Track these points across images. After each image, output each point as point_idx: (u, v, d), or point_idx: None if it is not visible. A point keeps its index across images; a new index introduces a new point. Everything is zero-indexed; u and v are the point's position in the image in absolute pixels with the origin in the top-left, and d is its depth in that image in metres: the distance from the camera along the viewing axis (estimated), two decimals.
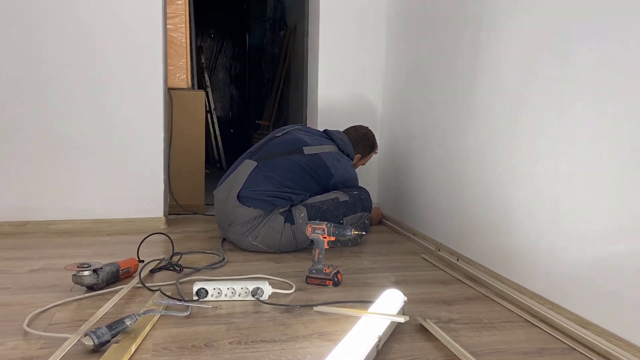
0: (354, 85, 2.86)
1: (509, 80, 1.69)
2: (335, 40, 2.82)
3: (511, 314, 1.50)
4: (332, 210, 2.12)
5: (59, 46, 2.34)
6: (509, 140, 1.69)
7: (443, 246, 2.11)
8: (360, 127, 2.53)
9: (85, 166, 2.43)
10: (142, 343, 1.23)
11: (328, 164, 2.20)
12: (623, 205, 1.23)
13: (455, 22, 2.06)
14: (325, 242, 1.75)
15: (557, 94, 1.45)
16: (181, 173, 2.85)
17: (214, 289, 1.52)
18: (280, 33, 5.28)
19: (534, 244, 1.54)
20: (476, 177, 1.88)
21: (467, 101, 1.95)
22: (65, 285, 1.61)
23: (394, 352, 1.22)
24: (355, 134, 2.46)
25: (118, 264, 1.68)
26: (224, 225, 2.14)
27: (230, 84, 6.89)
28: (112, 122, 2.44)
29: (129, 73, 2.43)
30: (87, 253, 2.04)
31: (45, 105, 2.35)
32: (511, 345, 1.29)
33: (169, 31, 2.83)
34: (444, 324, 1.40)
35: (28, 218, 2.37)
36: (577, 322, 1.34)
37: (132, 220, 2.50)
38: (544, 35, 1.52)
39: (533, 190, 1.55)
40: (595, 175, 1.31)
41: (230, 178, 2.17)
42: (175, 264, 1.84)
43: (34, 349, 1.19)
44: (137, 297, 1.55)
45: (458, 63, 2.02)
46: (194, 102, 2.94)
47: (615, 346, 1.21)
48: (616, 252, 1.25)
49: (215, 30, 6.65)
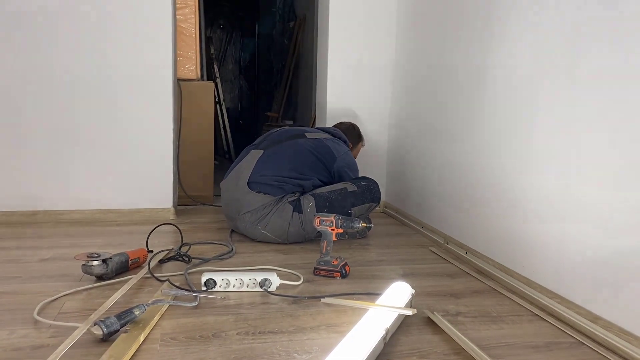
0: (363, 78, 2.84)
1: (519, 72, 1.67)
2: (345, 35, 2.80)
3: (520, 307, 1.49)
4: (340, 200, 2.12)
5: (68, 38, 2.34)
6: (518, 134, 1.67)
7: (451, 239, 2.10)
8: (345, 121, 2.67)
9: (95, 157, 2.44)
10: (150, 333, 1.24)
11: (331, 146, 2.26)
12: (634, 198, 1.21)
13: (463, 14, 2.03)
14: (334, 234, 1.75)
15: (569, 86, 1.44)
16: (190, 164, 2.86)
17: (222, 279, 1.53)
18: (290, 24, 5.26)
19: (544, 238, 1.53)
20: (485, 170, 1.87)
21: (476, 95, 1.93)
22: (75, 275, 1.63)
23: (401, 345, 1.22)
24: (343, 127, 2.56)
25: (127, 254, 1.70)
26: (234, 215, 2.15)
27: (239, 75, 6.88)
28: (121, 113, 2.45)
29: (138, 64, 2.43)
30: (96, 243, 2.05)
31: (54, 97, 2.36)
32: (519, 339, 1.28)
33: (178, 22, 2.82)
34: (451, 317, 1.40)
35: (38, 208, 2.39)
36: (586, 317, 1.33)
37: (141, 211, 2.51)
38: (555, 29, 1.50)
39: (543, 184, 1.54)
40: (607, 169, 1.30)
41: (237, 168, 2.18)
42: (184, 254, 1.85)
43: (44, 337, 1.21)
44: (146, 287, 1.56)
45: (467, 57, 2.00)
46: (203, 93, 2.94)
47: (624, 340, 1.20)
48: (625, 247, 1.23)
49: (224, 20, 6.63)
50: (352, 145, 2.55)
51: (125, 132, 2.46)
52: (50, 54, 2.34)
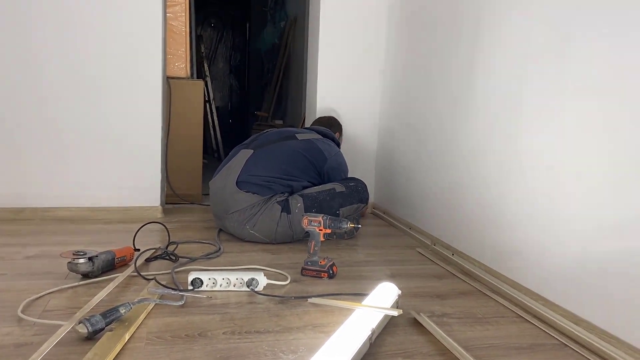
0: (353, 80, 2.85)
1: (506, 79, 1.69)
2: (336, 36, 2.81)
3: (504, 309, 1.51)
4: (328, 200, 2.13)
5: (56, 34, 2.32)
6: (505, 137, 1.69)
7: (439, 240, 2.11)
8: (322, 116, 2.75)
9: (82, 154, 2.42)
10: (136, 331, 1.23)
11: (321, 148, 2.27)
12: (616, 203, 1.23)
13: (453, 19, 2.05)
14: (321, 235, 1.75)
15: (554, 91, 1.45)
16: (179, 162, 2.84)
17: (209, 279, 1.52)
18: (281, 24, 5.26)
19: (529, 240, 1.55)
20: (472, 172, 1.88)
21: (464, 99, 1.95)
22: (61, 273, 1.62)
23: (387, 345, 1.23)
24: (325, 120, 2.66)
25: (114, 252, 1.69)
26: (222, 214, 2.14)
27: (229, 73, 6.86)
28: (110, 110, 2.43)
29: (127, 61, 2.42)
30: (83, 241, 2.04)
31: (42, 93, 2.34)
32: (503, 340, 1.30)
33: (168, 19, 2.81)
34: (437, 318, 1.41)
35: (25, 205, 2.37)
36: (569, 319, 1.34)
37: (129, 209, 2.50)
38: (542, 30, 1.51)
39: (528, 186, 1.56)
40: (590, 172, 1.31)
41: (226, 167, 2.18)
42: (171, 253, 1.84)
43: (28, 335, 1.20)
44: (132, 286, 1.55)
45: (456, 61, 2.02)
46: (192, 92, 2.93)
47: (606, 343, 1.22)
48: (608, 250, 1.25)
49: (215, 19, 6.61)
50: (340, 134, 2.65)
51: (114, 129, 2.44)
52: (37, 50, 2.31)
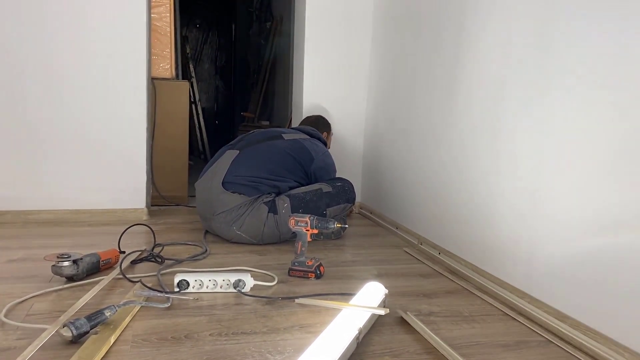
0: (340, 81, 2.85)
1: (490, 76, 1.70)
2: (322, 37, 2.81)
3: (491, 307, 1.52)
4: (315, 200, 2.13)
5: (38, 33, 2.29)
6: (490, 134, 1.70)
7: (425, 240, 2.12)
8: (310, 115, 2.73)
9: (66, 156, 2.39)
10: (121, 334, 1.22)
11: (308, 147, 2.26)
12: (601, 199, 1.24)
13: (438, 19, 2.06)
14: (308, 235, 1.75)
15: (538, 86, 1.47)
16: (164, 164, 2.83)
17: (196, 280, 1.51)
18: (267, 24, 5.25)
19: (515, 238, 1.56)
20: (458, 171, 1.89)
21: (449, 98, 1.96)
22: (45, 276, 1.60)
23: (374, 344, 1.23)
24: (313, 119, 2.63)
25: (98, 255, 1.67)
26: (208, 215, 2.13)
27: (215, 74, 6.84)
28: (94, 112, 2.41)
29: (111, 61, 2.40)
30: (67, 243, 2.01)
31: (23, 93, 2.31)
32: (490, 338, 1.31)
33: (153, 20, 2.79)
34: (424, 316, 1.41)
35: (7, 208, 2.34)
36: (555, 316, 1.36)
37: (114, 211, 2.47)
38: (526, 27, 1.53)
39: (514, 184, 1.57)
40: (575, 169, 1.33)
41: (212, 168, 2.17)
42: (157, 255, 1.82)
43: (11, 339, 1.18)
44: (118, 289, 1.53)
45: (441, 61, 2.03)
46: (178, 93, 2.91)
47: (590, 338, 1.23)
48: (592, 246, 1.26)
49: (201, 20, 6.58)
50: (328, 133, 2.63)
51: (98, 131, 2.42)
52: (20, 51, 2.28)
